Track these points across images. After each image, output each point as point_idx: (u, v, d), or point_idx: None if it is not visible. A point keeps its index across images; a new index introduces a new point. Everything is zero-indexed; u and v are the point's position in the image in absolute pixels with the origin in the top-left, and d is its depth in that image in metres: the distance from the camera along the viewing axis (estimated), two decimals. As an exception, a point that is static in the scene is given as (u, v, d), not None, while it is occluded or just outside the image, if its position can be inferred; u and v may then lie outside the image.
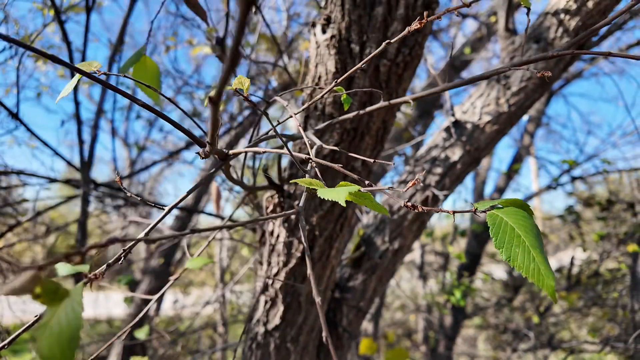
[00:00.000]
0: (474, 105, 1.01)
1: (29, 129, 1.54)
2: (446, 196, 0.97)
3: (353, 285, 1.04)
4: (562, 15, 0.94)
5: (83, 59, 1.38)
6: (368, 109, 0.57)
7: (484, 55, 3.19)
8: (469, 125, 0.99)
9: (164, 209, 0.46)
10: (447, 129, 1.02)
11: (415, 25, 0.52)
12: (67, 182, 1.60)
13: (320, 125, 0.67)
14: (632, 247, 2.37)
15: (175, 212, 3.51)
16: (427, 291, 4.87)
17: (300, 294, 0.84)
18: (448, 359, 4.20)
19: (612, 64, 3.46)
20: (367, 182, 0.40)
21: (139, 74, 0.56)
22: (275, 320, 0.86)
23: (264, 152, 0.48)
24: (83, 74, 0.40)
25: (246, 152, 0.52)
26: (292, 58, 2.08)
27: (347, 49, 0.65)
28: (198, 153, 0.46)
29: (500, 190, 4.01)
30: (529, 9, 0.50)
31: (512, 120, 0.99)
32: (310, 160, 0.46)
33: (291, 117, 0.54)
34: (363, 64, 0.53)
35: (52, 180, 1.48)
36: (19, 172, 1.51)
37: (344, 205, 0.30)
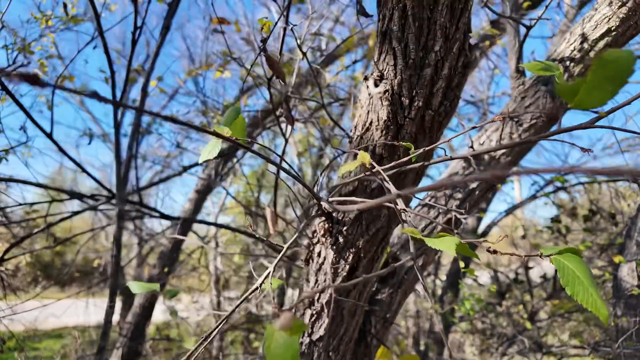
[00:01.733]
0: (490, 139, 1.14)
1: (62, 151, 1.61)
2: (465, 219, 1.09)
3: (381, 298, 1.15)
4: (567, 63, 1.08)
5: (123, 93, 1.46)
6: (415, 152, 0.69)
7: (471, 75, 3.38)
8: (485, 156, 1.12)
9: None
10: (467, 159, 1.14)
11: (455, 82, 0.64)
12: (93, 197, 1.67)
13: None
14: (617, 259, 2.54)
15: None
16: (420, 298, 5.01)
17: (344, 307, 0.95)
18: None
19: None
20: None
21: (231, 126, 0.66)
22: (320, 331, 0.97)
23: (367, 207, 0.59)
24: (225, 139, 0.50)
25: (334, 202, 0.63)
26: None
27: (398, 101, 0.77)
28: (318, 205, 0.57)
29: (487, 200, 4.18)
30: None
31: (523, 152, 1.13)
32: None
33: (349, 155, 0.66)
34: (411, 113, 0.64)
35: (82, 196, 1.56)
36: (56, 189, 1.58)
37: (454, 254, 0.41)
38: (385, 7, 0.76)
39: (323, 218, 0.91)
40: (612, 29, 1.02)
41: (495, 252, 0.52)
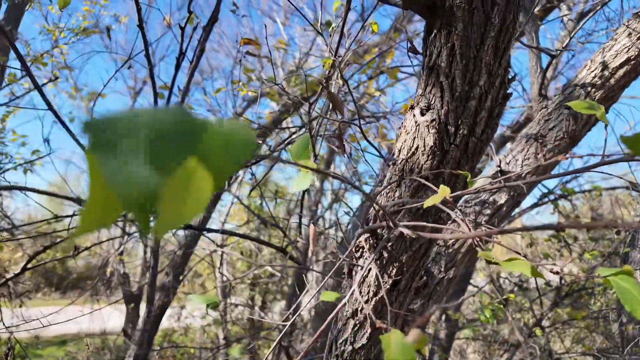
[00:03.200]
0: (515, 158, 1.21)
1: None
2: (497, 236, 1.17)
3: (414, 308, 1.22)
4: (589, 88, 1.16)
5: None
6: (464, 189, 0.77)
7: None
8: (512, 175, 1.19)
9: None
10: (495, 176, 1.22)
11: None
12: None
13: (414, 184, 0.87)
14: (626, 268, 2.62)
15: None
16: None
17: (385, 318, 1.02)
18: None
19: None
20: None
21: (298, 153, 0.74)
22: (363, 340, 1.03)
23: (452, 237, 0.66)
24: (313, 170, 0.57)
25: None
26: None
27: (445, 129, 0.85)
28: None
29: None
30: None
31: (547, 171, 1.20)
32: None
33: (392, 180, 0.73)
34: (456, 140, 0.72)
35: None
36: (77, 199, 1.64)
37: (530, 275, 0.48)
38: (433, 45, 0.83)
39: (368, 234, 0.98)
40: (632, 58, 1.10)
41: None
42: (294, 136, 2.15)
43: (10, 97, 2.59)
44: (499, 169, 1.21)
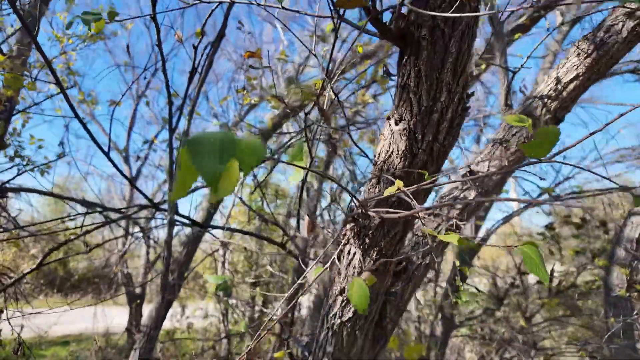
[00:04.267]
0: (483, 161, 1.40)
1: (120, 171, 1.87)
2: (464, 224, 1.35)
3: (395, 290, 1.40)
4: (545, 99, 1.35)
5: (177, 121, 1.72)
6: (425, 185, 0.96)
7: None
8: (480, 174, 1.38)
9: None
10: (465, 175, 1.41)
11: (456, 122, 0.91)
12: (142, 207, 1.93)
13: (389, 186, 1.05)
14: (602, 262, 2.80)
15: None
16: (422, 303, 5.24)
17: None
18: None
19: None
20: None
21: (294, 155, 0.92)
22: (349, 314, 1.22)
23: (404, 216, 0.84)
24: (305, 169, 0.76)
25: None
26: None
27: (414, 136, 1.04)
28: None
29: (485, 209, 4.45)
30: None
31: (510, 172, 1.39)
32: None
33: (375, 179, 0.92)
34: (424, 146, 0.91)
35: (142, 207, 1.81)
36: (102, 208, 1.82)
37: (457, 244, 0.67)
38: (405, 68, 1.02)
39: (353, 224, 1.17)
40: (580, 74, 1.29)
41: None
42: (292, 140, 2.34)
43: (26, 103, 2.76)
44: (468, 169, 1.40)
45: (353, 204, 1.14)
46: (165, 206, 2.14)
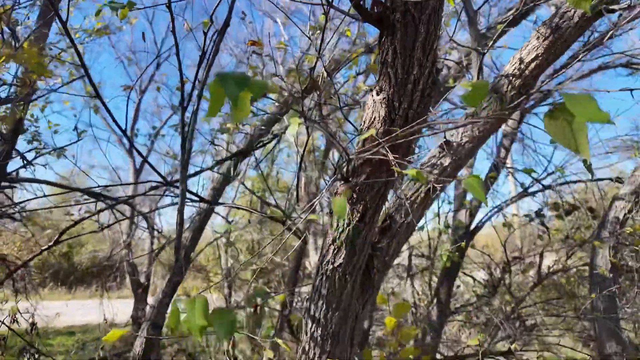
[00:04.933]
0: (457, 131, 1.61)
1: (136, 149, 2.07)
2: (440, 187, 1.56)
3: (381, 246, 1.61)
4: (511, 78, 1.55)
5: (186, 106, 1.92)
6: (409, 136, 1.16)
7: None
8: (454, 143, 1.59)
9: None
10: (441, 146, 1.62)
11: (426, 94, 1.11)
12: (167, 184, 2.14)
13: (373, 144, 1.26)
14: (581, 237, 3.01)
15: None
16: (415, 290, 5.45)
17: (357, 244, 1.41)
18: (435, 346, 4.79)
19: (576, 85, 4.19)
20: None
21: (291, 117, 1.13)
22: (340, 260, 1.43)
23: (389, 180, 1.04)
24: (306, 119, 0.96)
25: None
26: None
27: (392, 105, 1.24)
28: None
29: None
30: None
31: (481, 141, 1.60)
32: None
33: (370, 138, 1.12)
34: (400, 112, 1.11)
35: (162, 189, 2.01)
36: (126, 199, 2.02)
37: (424, 183, 0.87)
38: (383, 47, 1.23)
39: (342, 181, 1.38)
40: (539, 55, 1.50)
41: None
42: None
43: (45, 89, 2.95)
44: (444, 139, 1.60)
45: (343, 160, 1.34)
46: (177, 185, 2.35)
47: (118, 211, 5.01)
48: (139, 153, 2.12)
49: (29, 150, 3.01)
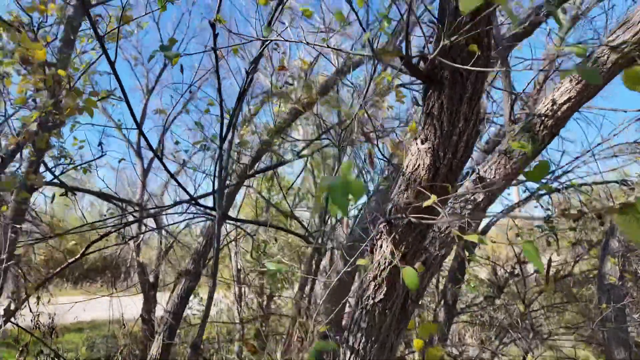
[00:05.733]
0: (490, 168, 1.67)
1: (157, 156, 2.14)
2: (475, 222, 1.62)
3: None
4: (543, 118, 1.61)
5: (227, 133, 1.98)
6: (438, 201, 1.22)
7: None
8: (487, 180, 1.65)
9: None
10: (475, 181, 1.68)
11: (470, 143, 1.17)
12: (205, 209, 2.21)
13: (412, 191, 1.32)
14: (595, 251, 3.07)
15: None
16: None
17: (396, 282, 1.48)
18: (443, 347, 4.88)
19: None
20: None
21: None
22: (380, 296, 1.50)
23: (436, 222, 1.11)
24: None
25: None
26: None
27: (437, 154, 1.30)
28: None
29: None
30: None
31: (513, 177, 1.66)
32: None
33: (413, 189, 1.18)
34: (445, 162, 1.17)
35: (195, 203, 2.08)
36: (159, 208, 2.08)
37: (478, 242, 0.94)
38: (430, 99, 1.28)
39: (385, 223, 1.44)
40: (572, 97, 1.55)
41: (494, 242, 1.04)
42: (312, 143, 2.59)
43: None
44: (478, 175, 1.66)
45: (390, 206, 1.40)
46: (202, 201, 2.42)
47: (133, 216, 5.09)
48: (167, 170, 2.18)
49: (56, 165, 3.07)
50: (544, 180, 4.09)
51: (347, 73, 2.56)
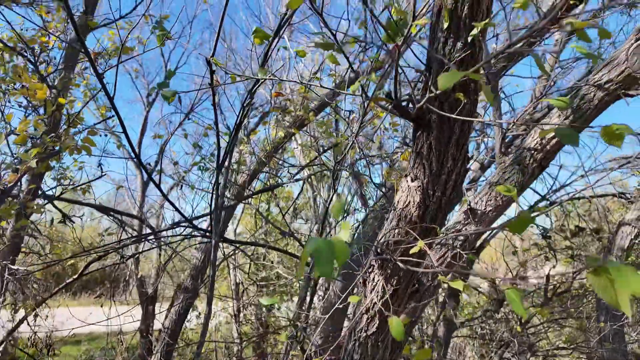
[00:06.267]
0: (481, 199, 1.70)
1: (156, 184, 2.16)
2: (467, 254, 1.65)
3: (408, 310, 1.70)
4: (532, 151, 1.64)
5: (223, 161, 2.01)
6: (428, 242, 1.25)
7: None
8: (478, 212, 1.68)
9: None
10: (466, 212, 1.70)
11: (459, 181, 1.20)
12: (203, 232, 2.23)
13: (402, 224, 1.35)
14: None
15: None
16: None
17: (388, 314, 1.50)
18: (443, 364, 4.86)
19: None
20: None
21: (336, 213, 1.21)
22: (373, 329, 1.52)
23: (429, 271, 1.14)
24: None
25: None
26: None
27: (426, 192, 1.33)
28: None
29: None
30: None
31: (504, 209, 1.68)
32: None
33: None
34: (434, 200, 1.20)
35: (194, 226, 2.10)
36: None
37: (462, 291, 0.96)
38: (419, 140, 1.32)
39: (377, 257, 1.46)
40: (560, 132, 1.58)
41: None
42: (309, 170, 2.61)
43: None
44: (469, 207, 1.69)
45: (381, 240, 1.43)
46: (196, 222, 2.45)
47: (131, 227, 5.10)
48: (164, 195, 2.21)
49: (55, 187, 3.10)
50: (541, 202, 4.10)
51: (339, 94, 2.61)
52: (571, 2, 3.08)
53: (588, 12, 3.17)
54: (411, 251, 1.09)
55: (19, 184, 2.09)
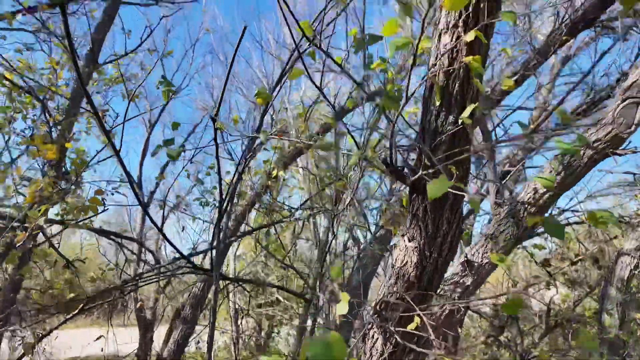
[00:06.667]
0: (478, 252, 1.73)
1: (151, 218, 2.20)
2: (467, 309, 1.67)
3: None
4: (526, 205, 1.68)
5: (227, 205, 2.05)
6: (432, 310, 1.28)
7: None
8: (475, 264, 1.71)
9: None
10: (463, 264, 1.74)
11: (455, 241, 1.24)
12: (203, 271, 2.25)
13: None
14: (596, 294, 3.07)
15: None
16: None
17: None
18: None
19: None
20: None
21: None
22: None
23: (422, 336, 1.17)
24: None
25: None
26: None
27: (423, 253, 1.37)
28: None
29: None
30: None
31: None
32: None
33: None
34: (431, 260, 1.24)
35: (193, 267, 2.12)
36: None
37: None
38: (415, 202, 1.36)
39: (377, 316, 1.49)
40: (552, 187, 1.63)
41: None
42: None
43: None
44: (466, 259, 1.72)
45: (381, 299, 1.46)
46: (193, 259, 2.47)
47: (129, 250, 5.10)
48: (164, 235, 2.24)
49: (60, 222, 3.14)
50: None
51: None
52: (564, 38, 3.18)
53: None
54: (409, 327, 1.12)
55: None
